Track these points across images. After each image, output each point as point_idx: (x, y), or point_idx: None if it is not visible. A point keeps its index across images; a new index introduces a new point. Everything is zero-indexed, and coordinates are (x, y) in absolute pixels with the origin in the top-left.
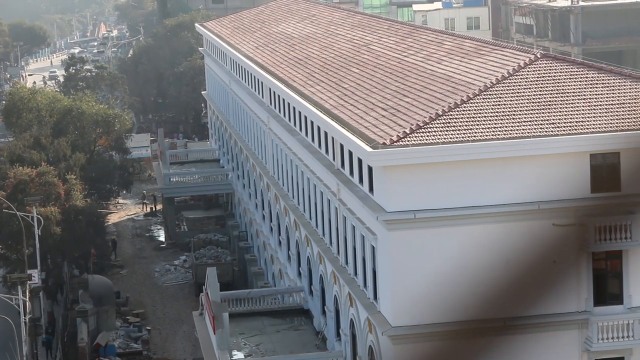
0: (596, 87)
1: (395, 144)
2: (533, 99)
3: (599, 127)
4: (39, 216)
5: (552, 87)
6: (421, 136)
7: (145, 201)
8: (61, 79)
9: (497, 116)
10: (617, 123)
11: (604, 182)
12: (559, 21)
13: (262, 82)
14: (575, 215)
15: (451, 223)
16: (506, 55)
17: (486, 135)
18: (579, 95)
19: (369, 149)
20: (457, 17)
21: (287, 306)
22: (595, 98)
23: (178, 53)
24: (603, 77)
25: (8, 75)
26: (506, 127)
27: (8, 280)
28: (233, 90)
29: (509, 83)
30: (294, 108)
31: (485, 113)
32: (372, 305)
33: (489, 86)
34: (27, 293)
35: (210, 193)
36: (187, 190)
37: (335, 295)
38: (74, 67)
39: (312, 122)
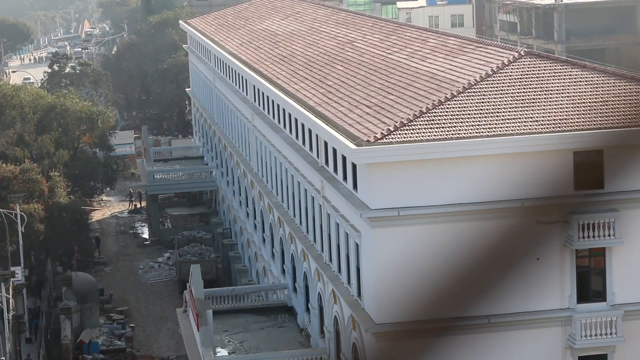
0: (580, 85)
1: (379, 141)
2: (517, 96)
3: (583, 125)
4: (22, 213)
5: (536, 84)
6: (405, 133)
7: (132, 199)
8: (36, 85)
9: (481, 114)
10: (600, 121)
11: (587, 180)
12: (542, 19)
13: (246, 79)
14: (559, 213)
15: (435, 220)
16: (490, 53)
17: (470, 133)
18: (562, 93)
19: (353, 146)
20: (441, 14)
21: (271, 303)
22: (579, 96)
23: (162, 50)
24: (586, 74)
25: None
26: (490, 124)
27: None
28: (217, 87)
29: (493, 81)
30: (278, 105)
31: (469, 110)
32: (356, 302)
33: (473, 84)
34: (10, 290)
35: (194, 190)
36: (171, 187)
37: (319, 292)
38: (58, 64)
39: (296, 120)
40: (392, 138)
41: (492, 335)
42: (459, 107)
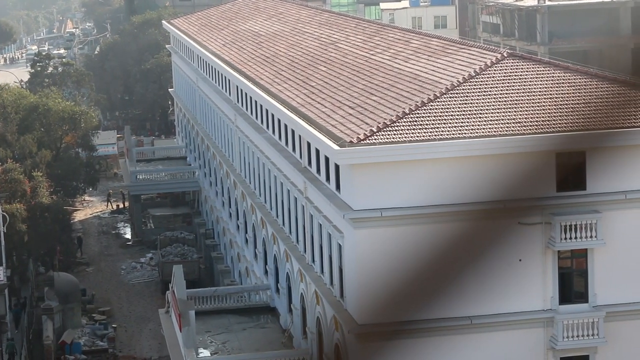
0: (562, 87)
1: (362, 142)
2: (499, 97)
3: (565, 127)
4: (4, 213)
5: (519, 86)
6: (388, 134)
7: (110, 199)
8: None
9: (463, 115)
10: (583, 122)
11: (569, 181)
12: (525, 20)
13: (229, 80)
14: (541, 214)
15: (417, 221)
16: (473, 54)
17: (453, 134)
18: (545, 95)
19: (335, 147)
20: (425, 15)
21: (253, 304)
22: (562, 97)
23: (145, 50)
24: (569, 76)
25: None
26: (473, 125)
27: None
28: (200, 87)
29: (476, 82)
30: (261, 106)
31: (452, 112)
32: (339, 303)
33: (455, 85)
34: None
35: (177, 190)
36: (154, 187)
37: (301, 293)
38: (40, 64)
39: (279, 120)
40: (375, 139)
41: (474, 336)
42: (442, 108)
